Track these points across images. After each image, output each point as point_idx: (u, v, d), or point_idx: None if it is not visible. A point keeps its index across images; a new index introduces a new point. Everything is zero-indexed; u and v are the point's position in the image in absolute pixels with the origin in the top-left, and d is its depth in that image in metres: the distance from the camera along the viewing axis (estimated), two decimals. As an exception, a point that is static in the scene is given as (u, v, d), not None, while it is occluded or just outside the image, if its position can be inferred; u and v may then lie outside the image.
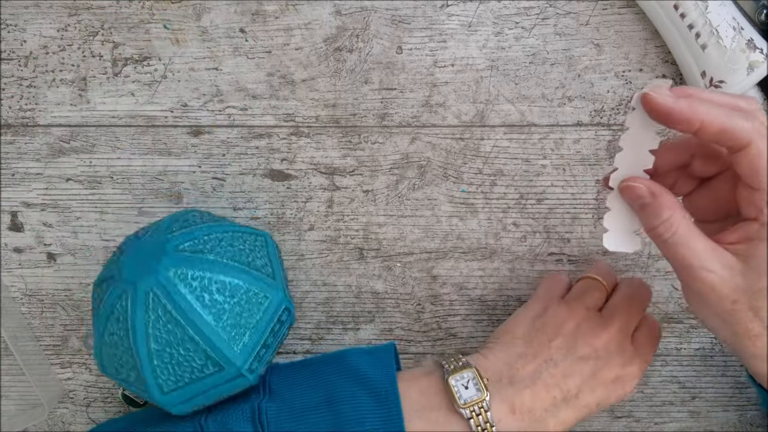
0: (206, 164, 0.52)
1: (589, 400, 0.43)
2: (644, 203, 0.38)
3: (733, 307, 0.37)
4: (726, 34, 0.45)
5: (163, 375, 0.42)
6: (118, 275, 0.42)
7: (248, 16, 0.50)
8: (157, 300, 0.41)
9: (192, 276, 0.42)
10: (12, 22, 0.51)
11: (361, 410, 0.42)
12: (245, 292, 0.43)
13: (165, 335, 0.41)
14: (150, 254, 0.42)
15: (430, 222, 0.52)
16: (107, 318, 0.42)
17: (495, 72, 0.50)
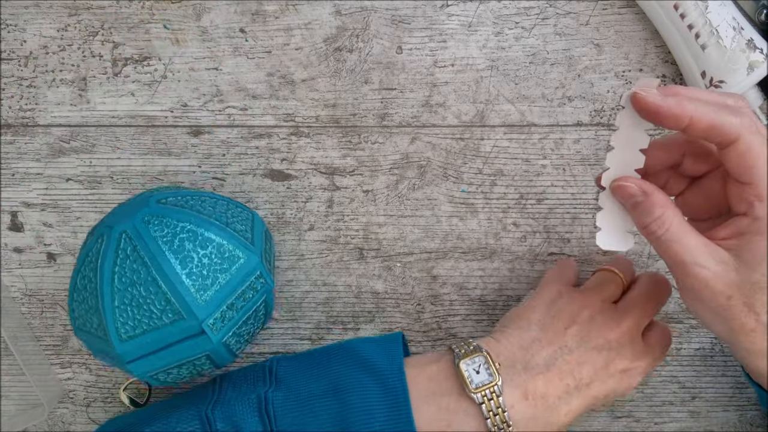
0: (206, 164, 0.52)
1: (599, 390, 0.43)
2: (636, 201, 0.39)
3: (728, 302, 0.37)
4: (726, 34, 0.45)
5: (122, 317, 0.41)
6: (100, 225, 0.43)
7: (248, 16, 0.50)
8: (127, 241, 0.41)
9: (165, 223, 0.42)
10: (12, 22, 0.51)
11: (367, 398, 0.42)
12: (217, 246, 0.42)
13: (129, 274, 0.41)
14: (134, 205, 0.43)
15: (430, 222, 0.52)
16: (82, 264, 0.43)
17: (495, 72, 0.50)
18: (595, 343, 0.43)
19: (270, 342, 0.54)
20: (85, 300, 0.43)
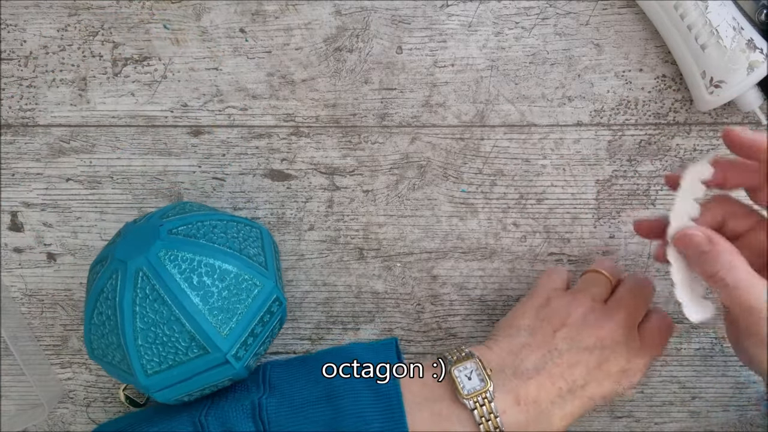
0: (206, 164, 0.52)
1: (595, 391, 0.43)
2: (703, 251, 0.39)
3: None
4: (726, 34, 0.45)
5: (147, 355, 0.42)
6: (110, 256, 0.43)
7: (248, 16, 0.50)
8: (145, 279, 0.41)
9: (182, 257, 0.42)
10: (12, 22, 0.51)
11: (360, 403, 0.42)
12: (235, 277, 0.43)
13: (151, 314, 0.41)
14: (143, 236, 0.43)
15: (430, 222, 0.52)
16: (97, 298, 0.43)
17: (495, 72, 0.50)
18: (586, 344, 0.43)
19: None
20: (104, 335, 0.43)
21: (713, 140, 0.50)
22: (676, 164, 0.47)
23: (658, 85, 0.50)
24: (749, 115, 0.50)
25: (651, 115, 0.50)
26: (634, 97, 0.50)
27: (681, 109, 0.50)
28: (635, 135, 0.51)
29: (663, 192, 0.51)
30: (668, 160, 0.51)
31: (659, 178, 0.51)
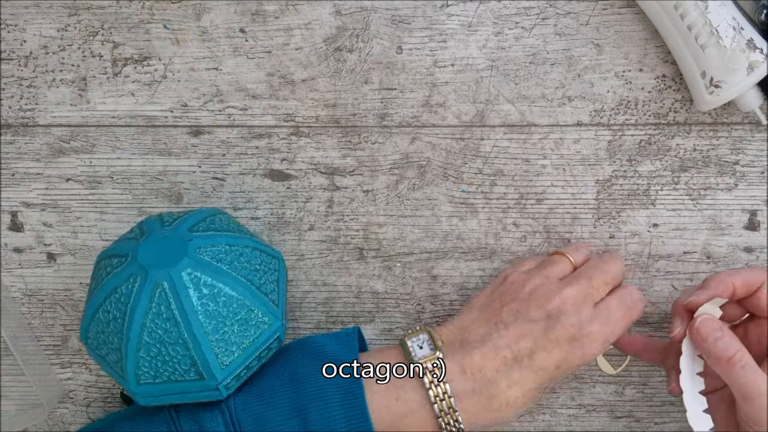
0: (206, 164, 0.52)
1: (545, 362, 0.43)
2: (717, 336, 0.43)
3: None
4: (726, 34, 0.45)
5: (144, 367, 0.42)
6: (132, 257, 0.42)
7: (248, 16, 0.50)
8: (163, 295, 0.41)
9: (204, 282, 0.42)
10: (12, 22, 0.51)
11: (321, 382, 0.43)
12: (248, 312, 0.43)
13: (160, 331, 0.41)
14: (171, 248, 0.42)
15: (430, 222, 0.52)
16: (107, 296, 0.42)
17: (495, 72, 0.50)
18: (533, 315, 0.44)
19: (270, 342, 0.54)
20: (106, 334, 0.43)
21: (713, 140, 0.50)
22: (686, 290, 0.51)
23: (658, 85, 0.50)
24: (749, 115, 0.50)
25: (651, 115, 0.50)
26: (634, 97, 0.50)
27: (681, 109, 0.50)
28: (635, 135, 0.51)
29: (663, 192, 0.51)
30: (668, 160, 0.51)
31: (659, 178, 0.51)
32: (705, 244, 0.52)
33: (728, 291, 0.44)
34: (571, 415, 0.54)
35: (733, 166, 0.51)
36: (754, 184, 0.51)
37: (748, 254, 0.51)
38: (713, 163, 0.51)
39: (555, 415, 0.54)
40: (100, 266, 0.44)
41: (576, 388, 0.53)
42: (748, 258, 0.51)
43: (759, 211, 0.51)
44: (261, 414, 0.43)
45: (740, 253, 0.51)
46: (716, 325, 0.43)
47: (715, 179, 0.51)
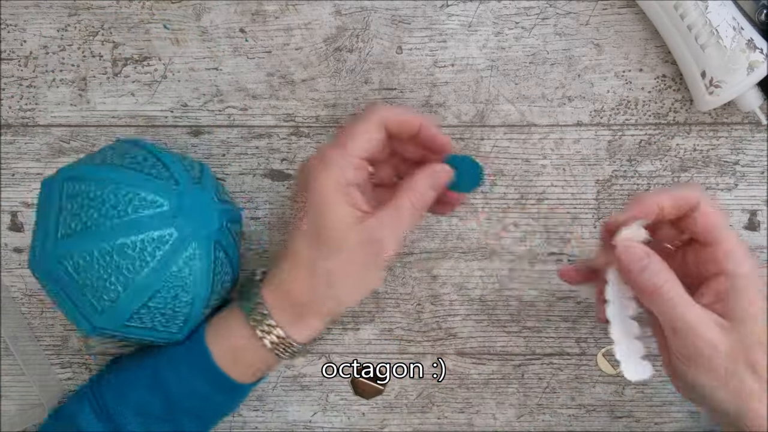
0: (206, 164, 0.52)
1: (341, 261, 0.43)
2: (644, 264, 0.40)
3: (734, 366, 0.38)
4: (726, 34, 0.45)
5: (143, 313, 0.44)
6: (171, 212, 0.44)
7: (248, 16, 0.50)
8: (196, 256, 0.44)
9: (221, 248, 0.46)
10: (12, 22, 0.51)
11: (172, 348, 0.46)
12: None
13: (178, 289, 0.44)
14: (206, 212, 0.45)
15: (430, 222, 0.52)
16: (134, 234, 0.43)
17: (495, 72, 0.50)
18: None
19: (270, 342, 0.54)
20: (112, 269, 0.43)
21: (713, 140, 0.50)
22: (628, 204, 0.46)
23: (658, 85, 0.50)
24: (749, 115, 0.50)
25: (651, 115, 0.50)
26: (634, 97, 0.50)
27: (681, 109, 0.50)
28: (635, 135, 0.51)
29: (663, 192, 0.51)
30: (668, 160, 0.51)
31: (659, 178, 0.51)
32: (705, 244, 0.52)
33: (653, 213, 0.41)
34: (571, 415, 0.54)
35: (733, 166, 0.51)
36: (754, 184, 0.51)
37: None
38: (713, 163, 0.51)
39: (555, 415, 0.54)
40: (116, 191, 0.43)
41: (576, 388, 0.53)
42: (748, 258, 0.51)
43: (759, 211, 0.51)
44: (120, 385, 0.46)
45: (740, 253, 0.51)
46: (640, 253, 0.40)
47: (715, 179, 0.51)
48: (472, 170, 0.44)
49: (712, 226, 0.40)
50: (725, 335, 0.38)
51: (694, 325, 0.39)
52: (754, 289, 0.39)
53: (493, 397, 0.54)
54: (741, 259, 0.40)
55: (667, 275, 0.40)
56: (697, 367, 0.39)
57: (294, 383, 0.54)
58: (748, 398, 0.39)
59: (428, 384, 0.54)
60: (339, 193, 0.42)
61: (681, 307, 0.39)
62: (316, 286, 0.43)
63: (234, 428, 0.55)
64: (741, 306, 0.39)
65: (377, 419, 0.54)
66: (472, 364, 0.54)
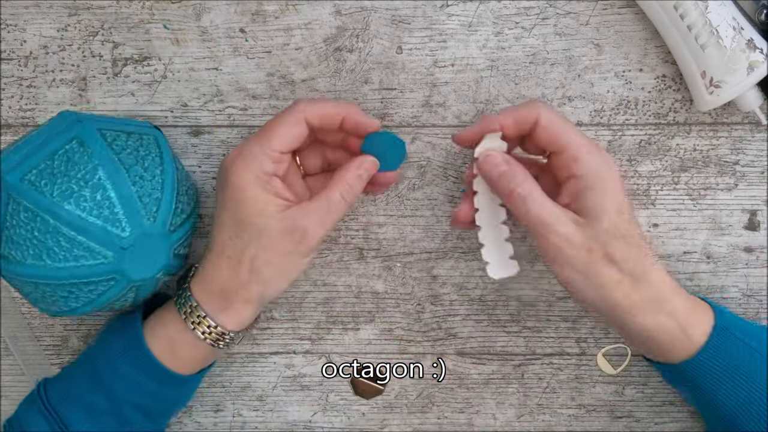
0: (206, 164, 0.52)
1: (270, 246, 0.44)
2: (502, 170, 0.43)
3: (589, 256, 0.41)
4: (726, 34, 0.45)
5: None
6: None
7: (248, 16, 0.50)
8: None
9: None
10: (12, 22, 0.51)
11: (111, 346, 0.47)
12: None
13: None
14: (148, 254, 0.44)
15: (430, 222, 0.52)
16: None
17: (495, 72, 0.50)
18: None
19: (270, 342, 0.54)
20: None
21: (713, 140, 0.50)
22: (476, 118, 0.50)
23: (658, 85, 0.50)
24: (749, 115, 0.50)
25: (651, 115, 0.50)
26: (634, 97, 0.50)
27: (681, 109, 0.50)
28: (635, 135, 0.51)
29: (663, 192, 0.51)
30: (668, 160, 0.51)
31: (659, 178, 0.51)
32: (705, 244, 0.52)
33: (495, 131, 0.44)
34: (571, 415, 0.54)
35: (733, 166, 0.51)
36: (754, 184, 0.51)
37: (748, 254, 0.51)
38: (713, 163, 0.51)
39: (555, 415, 0.54)
40: (56, 236, 0.43)
41: (576, 388, 0.53)
42: (748, 258, 0.51)
43: (759, 211, 0.51)
44: (63, 387, 0.47)
45: (740, 253, 0.51)
46: (498, 160, 0.43)
47: (715, 179, 0.51)
48: (395, 147, 0.46)
49: (555, 135, 0.43)
50: (580, 230, 0.41)
51: (549, 222, 0.41)
52: (610, 186, 0.42)
53: (493, 397, 0.54)
54: (584, 161, 0.42)
55: (523, 178, 0.42)
56: (560, 264, 0.42)
57: (294, 383, 0.54)
58: (609, 288, 0.42)
59: (428, 384, 0.54)
60: (258, 184, 0.43)
61: (536, 207, 0.42)
62: (240, 273, 0.44)
63: (234, 428, 0.55)
64: (592, 203, 0.41)
65: (377, 419, 0.54)
66: (472, 364, 0.54)
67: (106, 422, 0.46)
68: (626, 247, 0.42)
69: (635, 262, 0.42)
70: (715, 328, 0.43)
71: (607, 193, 0.42)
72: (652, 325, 0.42)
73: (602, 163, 0.42)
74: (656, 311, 0.42)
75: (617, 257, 0.41)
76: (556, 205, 0.42)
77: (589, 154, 0.42)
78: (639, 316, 0.42)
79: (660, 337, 0.43)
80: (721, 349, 0.43)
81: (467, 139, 0.45)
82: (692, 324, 0.43)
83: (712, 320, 0.44)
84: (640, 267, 0.42)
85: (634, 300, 0.42)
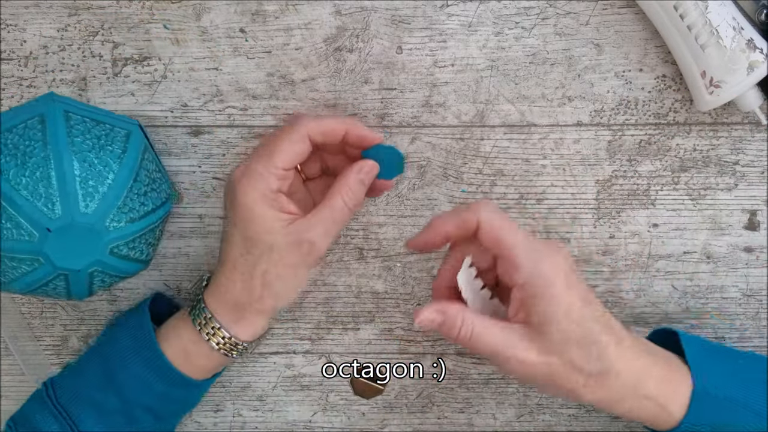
0: (206, 164, 0.52)
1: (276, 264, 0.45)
2: (439, 322, 0.42)
3: (550, 369, 0.40)
4: (726, 34, 0.45)
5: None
6: None
7: (248, 16, 0.50)
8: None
9: None
10: (12, 22, 0.51)
11: (120, 340, 0.48)
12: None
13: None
14: (78, 244, 0.44)
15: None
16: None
17: (495, 72, 0.50)
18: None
19: (270, 342, 0.54)
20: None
21: (713, 140, 0.50)
22: None
23: (658, 85, 0.50)
24: (749, 115, 0.50)
25: (651, 115, 0.50)
26: (634, 97, 0.50)
27: (681, 109, 0.50)
28: (635, 135, 0.51)
29: (663, 192, 0.51)
30: (668, 160, 0.51)
31: (659, 178, 0.51)
32: (705, 244, 0.52)
33: (441, 240, 0.43)
34: (571, 415, 0.54)
35: (733, 166, 0.51)
36: (754, 184, 0.51)
37: (748, 254, 0.51)
38: (713, 163, 0.51)
39: (555, 415, 0.54)
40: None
41: (576, 388, 0.53)
42: (748, 258, 0.51)
43: (759, 211, 0.51)
44: (74, 385, 0.47)
45: (740, 253, 0.51)
46: (430, 316, 0.42)
47: (715, 179, 0.51)
48: (393, 159, 0.46)
49: (495, 238, 0.41)
50: (534, 348, 0.40)
51: (501, 351, 0.40)
52: (556, 289, 0.40)
53: (493, 397, 0.54)
54: (524, 268, 0.41)
55: (461, 318, 0.41)
56: (524, 381, 0.43)
57: (294, 383, 0.54)
58: (577, 392, 0.41)
59: (428, 384, 0.54)
60: (265, 203, 0.44)
61: (483, 340, 0.41)
62: (253, 287, 0.45)
63: (234, 428, 0.55)
64: (540, 314, 0.40)
65: (377, 419, 0.54)
66: (472, 364, 0.54)
67: (116, 422, 0.47)
68: (584, 349, 0.40)
69: (596, 361, 0.41)
70: (693, 398, 0.42)
71: (553, 298, 0.40)
72: (629, 410, 0.42)
73: (544, 263, 0.41)
74: (631, 398, 0.42)
75: (577, 362, 0.40)
76: (503, 330, 0.41)
77: (527, 258, 0.41)
78: (614, 406, 0.42)
79: (642, 417, 0.43)
80: (702, 417, 0.42)
81: (418, 245, 0.44)
82: (670, 400, 0.42)
83: (689, 388, 0.43)
84: (604, 363, 0.41)
85: (604, 396, 0.41)
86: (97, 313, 0.54)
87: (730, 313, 0.52)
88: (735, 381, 0.43)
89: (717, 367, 0.44)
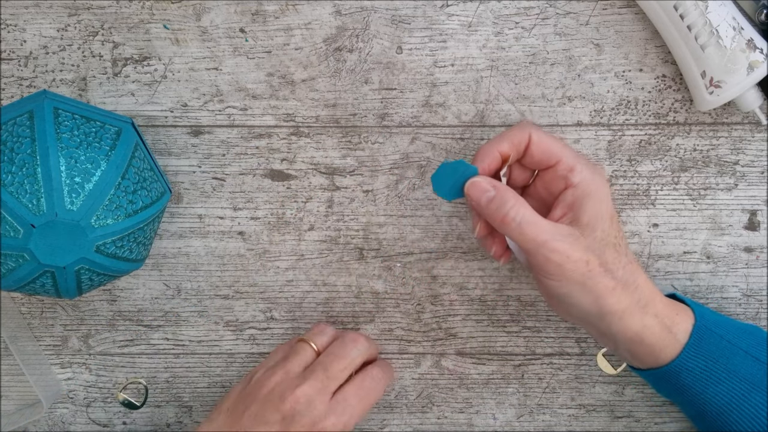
0: (206, 164, 0.52)
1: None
2: (490, 196, 0.43)
3: (587, 268, 0.42)
4: (726, 34, 0.45)
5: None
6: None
7: (248, 16, 0.50)
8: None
9: None
10: (12, 22, 0.51)
11: None
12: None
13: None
14: (62, 244, 0.43)
15: (430, 222, 0.52)
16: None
17: (495, 72, 0.50)
18: (269, 418, 0.45)
19: (270, 342, 0.54)
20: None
21: (713, 140, 0.50)
22: None
23: (658, 85, 0.50)
24: (749, 115, 0.50)
25: (651, 115, 0.50)
26: (634, 97, 0.50)
27: (681, 109, 0.50)
28: (635, 135, 0.51)
29: (663, 192, 0.51)
30: (668, 160, 0.51)
31: (659, 178, 0.51)
32: (705, 244, 0.52)
33: (496, 159, 0.44)
34: (571, 415, 0.54)
35: (733, 166, 0.51)
36: (754, 184, 0.51)
37: (748, 254, 0.51)
38: (713, 163, 0.51)
39: (555, 415, 0.54)
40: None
41: (576, 388, 0.53)
42: (748, 258, 0.51)
43: (759, 211, 0.51)
44: None
45: (740, 252, 0.51)
46: (485, 186, 0.43)
47: (715, 179, 0.51)
48: (460, 180, 0.45)
49: (547, 150, 0.44)
50: (575, 243, 0.42)
51: (544, 241, 0.41)
52: (604, 194, 0.43)
53: (493, 397, 0.54)
54: (579, 170, 0.43)
55: (513, 201, 0.42)
56: (558, 278, 0.42)
57: (294, 383, 0.54)
58: (604, 296, 0.42)
59: (428, 384, 0.54)
60: None
61: (532, 229, 0.42)
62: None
63: (234, 428, 0.55)
64: (585, 212, 0.42)
65: (377, 419, 0.54)
66: (472, 364, 0.54)
67: None
68: (617, 254, 0.43)
69: (625, 269, 0.43)
70: (696, 327, 0.44)
71: (603, 201, 0.43)
72: (639, 327, 0.43)
73: (595, 173, 0.44)
74: (643, 313, 0.43)
75: (611, 265, 0.42)
76: (550, 223, 0.42)
77: (580, 163, 0.44)
78: (628, 319, 0.43)
79: (647, 338, 0.43)
80: (703, 347, 0.44)
81: (482, 169, 0.44)
82: (676, 323, 0.44)
83: (692, 319, 0.45)
84: (630, 272, 0.43)
85: (625, 305, 0.43)
86: (97, 313, 0.54)
87: (730, 313, 0.52)
88: (734, 327, 0.45)
89: (715, 315, 0.46)
